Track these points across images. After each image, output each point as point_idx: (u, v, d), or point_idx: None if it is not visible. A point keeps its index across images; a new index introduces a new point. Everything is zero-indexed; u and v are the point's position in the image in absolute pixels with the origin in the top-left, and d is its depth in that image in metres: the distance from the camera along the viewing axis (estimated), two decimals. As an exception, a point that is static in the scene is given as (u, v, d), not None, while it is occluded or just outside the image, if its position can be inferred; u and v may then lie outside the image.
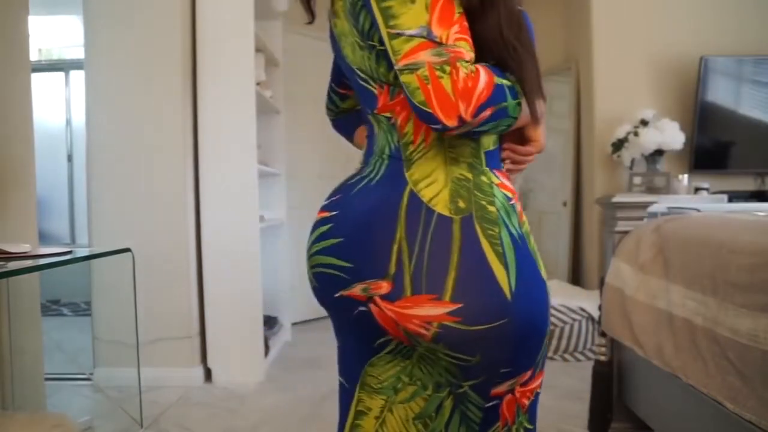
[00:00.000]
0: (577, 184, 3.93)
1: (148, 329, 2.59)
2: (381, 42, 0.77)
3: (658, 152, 3.30)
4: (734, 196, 3.32)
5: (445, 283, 0.74)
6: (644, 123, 3.30)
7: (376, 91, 0.84)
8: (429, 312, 0.74)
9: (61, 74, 4.82)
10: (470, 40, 0.74)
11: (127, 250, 2.09)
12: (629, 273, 1.77)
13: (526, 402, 0.85)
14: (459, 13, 0.73)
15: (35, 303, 2.12)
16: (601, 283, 1.97)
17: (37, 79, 2.56)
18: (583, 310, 3.05)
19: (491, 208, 0.78)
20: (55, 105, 4.80)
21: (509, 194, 0.83)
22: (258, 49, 3.00)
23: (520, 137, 0.89)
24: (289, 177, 3.71)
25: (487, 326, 0.75)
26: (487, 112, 0.71)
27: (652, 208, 2.02)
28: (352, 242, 0.80)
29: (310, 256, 0.87)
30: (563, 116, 4.02)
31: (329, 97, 1.10)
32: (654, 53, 3.54)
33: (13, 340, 1.96)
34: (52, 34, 4.76)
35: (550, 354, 3.07)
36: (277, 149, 3.57)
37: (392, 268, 0.76)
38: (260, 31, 3.02)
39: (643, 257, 1.71)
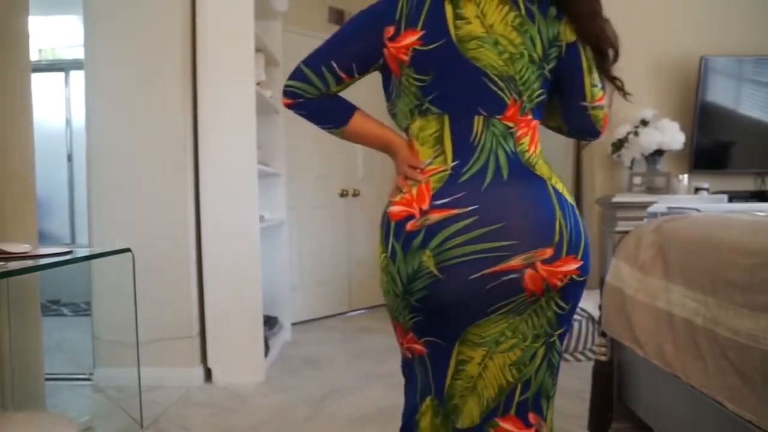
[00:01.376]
0: (577, 184, 3.92)
1: (148, 329, 2.59)
2: (551, 69, 1.07)
3: (658, 152, 3.30)
4: (734, 196, 3.32)
5: (580, 246, 1.03)
6: (644, 123, 3.29)
7: (508, 101, 1.04)
8: (570, 267, 1.02)
9: (61, 74, 4.82)
10: None
11: (127, 250, 2.09)
12: (629, 273, 1.77)
13: None
14: None
15: (35, 303, 2.12)
16: (601, 283, 1.97)
17: (37, 79, 2.55)
18: (583, 310, 3.05)
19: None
20: (55, 105, 4.79)
21: None
22: (258, 49, 3.00)
23: None
24: (289, 177, 3.71)
25: (584, 278, 1.06)
26: None
27: (652, 208, 2.01)
28: (516, 224, 0.99)
29: (444, 251, 0.98)
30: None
31: (319, 76, 1.06)
32: (654, 53, 3.54)
33: (13, 340, 1.96)
34: (52, 34, 4.76)
35: (550, 354, 3.07)
36: (277, 149, 3.57)
37: (556, 238, 1.00)
38: (260, 31, 3.02)
39: (643, 257, 1.71)
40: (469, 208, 0.98)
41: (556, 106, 1.16)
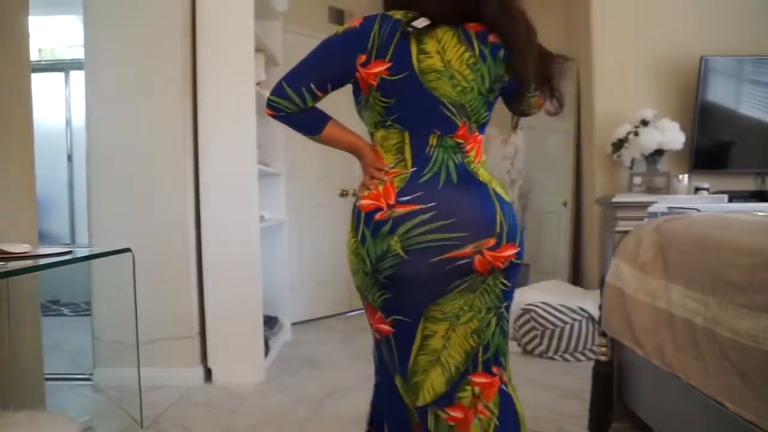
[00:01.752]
0: (578, 184, 3.93)
1: (148, 329, 2.59)
2: (495, 96, 1.29)
3: (659, 152, 3.30)
4: (734, 196, 3.32)
5: (517, 236, 1.25)
6: (644, 123, 3.29)
7: (459, 123, 1.24)
8: (509, 253, 1.24)
9: (61, 74, 4.82)
10: None
11: (127, 250, 2.09)
12: (629, 273, 1.77)
13: None
14: None
15: (35, 303, 2.12)
16: (602, 283, 1.97)
17: (37, 79, 2.55)
18: (583, 310, 3.05)
19: None
20: (55, 105, 4.79)
21: None
22: (258, 49, 3.00)
23: None
24: (289, 177, 3.71)
25: (521, 261, 1.28)
26: None
27: (652, 208, 2.01)
28: (465, 219, 1.19)
29: (410, 237, 1.19)
30: (563, 116, 4.01)
31: (299, 95, 1.23)
32: (654, 53, 3.54)
33: (13, 340, 1.96)
34: (52, 34, 4.76)
35: (550, 354, 3.07)
36: (277, 149, 3.57)
37: (497, 230, 1.22)
38: (260, 31, 3.02)
39: (643, 257, 1.71)
40: (429, 205, 1.19)
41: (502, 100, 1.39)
